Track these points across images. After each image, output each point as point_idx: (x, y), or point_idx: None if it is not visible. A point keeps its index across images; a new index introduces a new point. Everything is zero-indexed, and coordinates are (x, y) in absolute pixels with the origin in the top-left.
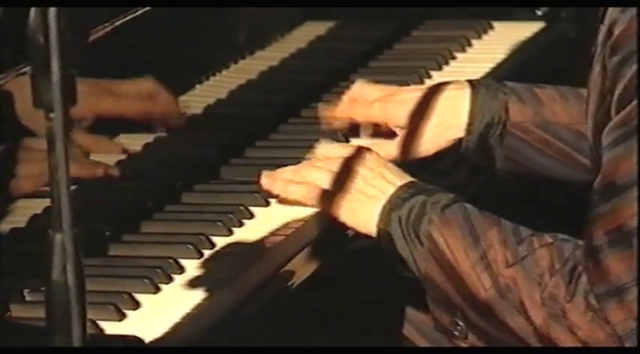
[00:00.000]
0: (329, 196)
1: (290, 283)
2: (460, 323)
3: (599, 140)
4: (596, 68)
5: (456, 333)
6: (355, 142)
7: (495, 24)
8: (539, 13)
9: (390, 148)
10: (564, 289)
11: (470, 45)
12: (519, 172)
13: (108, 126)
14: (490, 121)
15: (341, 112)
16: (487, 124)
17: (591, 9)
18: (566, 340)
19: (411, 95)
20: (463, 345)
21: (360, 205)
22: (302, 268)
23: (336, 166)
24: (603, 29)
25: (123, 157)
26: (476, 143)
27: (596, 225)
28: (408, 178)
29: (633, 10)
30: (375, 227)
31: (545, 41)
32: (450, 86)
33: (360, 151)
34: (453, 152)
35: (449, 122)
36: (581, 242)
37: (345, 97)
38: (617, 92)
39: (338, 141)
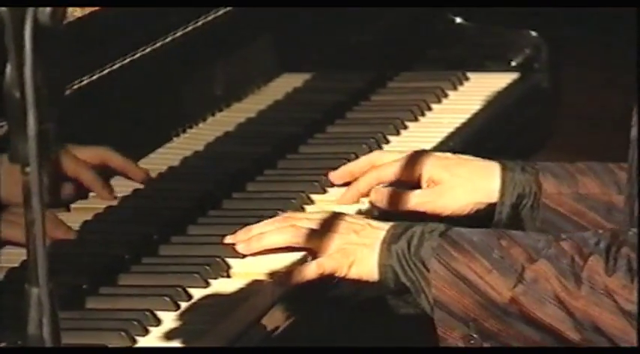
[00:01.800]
0: (328, 254)
1: (267, 335)
2: (474, 336)
3: None
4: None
5: (470, 345)
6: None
7: (470, 75)
8: (513, 64)
9: (413, 198)
10: (603, 267)
11: (445, 96)
12: None
13: None
14: (522, 192)
15: (367, 180)
16: (519, 194)
17: (562, 61)
18: (609, 317)
19: (440, 154)
20: None
21: (360, 255)
22: (279, 319)
23: (320, 225)
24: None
25: (174, 164)
26: (508, 214)
27: None
28: (396, 222)
29: None
30: (377, 267)
31: (520, 92)
32: (479, 160)
33: (334, 212)
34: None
35: (479, 185)
36: (600, 231)
37: (360, 161)
38: None
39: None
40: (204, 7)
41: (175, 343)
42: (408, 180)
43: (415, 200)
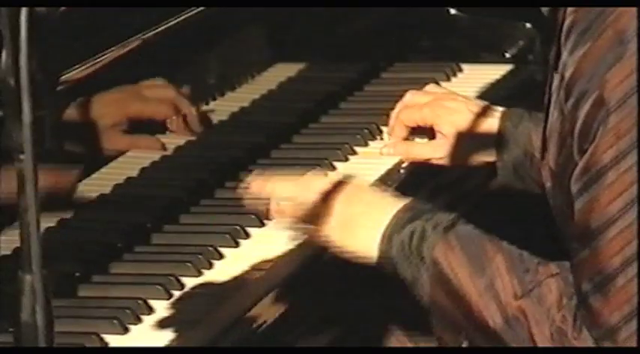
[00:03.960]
0: (326, 220)
1: (259, 324)
2: (464, 341)
3: (564, 184)
4: (554, 114)
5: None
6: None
7: (464, 66)
8: (507, 55)
9: (424, 149)
10: (571, 325)
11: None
12: None
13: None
14: (517, 155)
15: (398, 124)
16: (515, 157)
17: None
18: None
19: (455, 105)
20: None
21: (361, 230)
22: (271, 309)
23: (330, 190)
24: (557, 76)
25: (167, 153)
26: (510, 175)
27: (579, 273)
28: (404, 201)
29: (579, 51)
30: (376, 252)
31: (514, 83)
32: (484, 108)
33: (345, 179)
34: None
35: (481, 148)
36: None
37: (399, 105)
38: (575, 133)
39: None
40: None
41: (168, 332)
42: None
43: (425, 153)
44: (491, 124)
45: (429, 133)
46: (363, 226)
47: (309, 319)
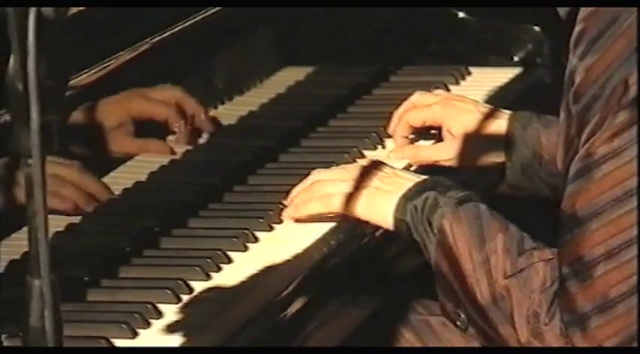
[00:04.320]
0: (346, 198)
1: (268, 328)
2: (462, 315)
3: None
4: (562, 115)
5: (459, 323)
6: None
7: (472, 69)
8: (515, 59)
9: (431, 151)
10: (545, 310)
11: (447, 90)
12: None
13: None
14: (526, 156)
15: (403, 126)
16: (524, 158)
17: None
18: None
19: (465, 106)
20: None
21: (378, 200)
22: (280, 312)
23: (348, 174)
24: (566, 76)
25: (175, 157)
26: (519, 176)
27: (561, 254)
28: (423, 176)
29: (591, 59)
30: (391, 218)
31: (522, 86)
32: (493, 111)
33: (368, 162)
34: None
35: (490, 150)
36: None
37: (404, 106)
38: (583, 137)
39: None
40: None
41: (177, 336)
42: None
43: (432, 155)
44: (500, 125)
45: (434, 135)
46: (381, 195)
47: (318, 323)
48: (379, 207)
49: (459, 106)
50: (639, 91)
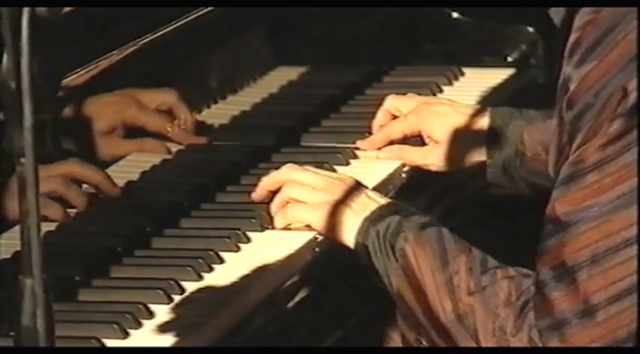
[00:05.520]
0: (311, 209)
1: (260, 328)
2: (424, 342)
3: None
4: (555, 121)
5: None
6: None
7: (466, 70)
8: (509, 59)
9: (415, 155)
10: (512, 323)
11: (441, 91)
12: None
13: None
14: (508, 154)
15: (378, 132)
16: (506, 156)
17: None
18: None
19: (442, 108)
20: None
21: (343, 217)
22: (272, 313)
23: (319, 182)
24: (559, 83)
25: (168, 156)
26: (499, 175)
27: (542, 259)
28: (389, 200)
29: (587, 67)
30: (353, 239)
31: (515, 87)
32: (472, 109)
33: (340, 175)
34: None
35: (471, 150)
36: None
37: (380, 115)
38: (575, 144)
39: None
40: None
41: (169, 336)
42: (413, 135)
43: (416, 159)
44: (481, 123)
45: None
46: (347, 214)
47: (310, 323)
48: (342, 225)
49: (435, 109)
50: (639, 97)
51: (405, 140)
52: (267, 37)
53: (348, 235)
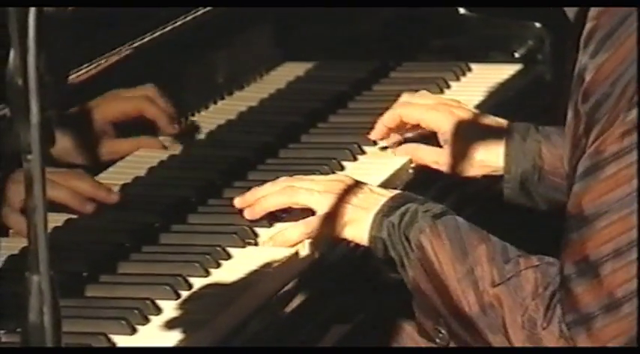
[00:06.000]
0: (323, 218)
1: (267, 324)
2: (443, 331)
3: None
4: (570, 113)
5: (438, 340)
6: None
7: (473, 66)
8: (516, 55)
9: (427, 154)
10: (542, 315)
11: (448, 87)
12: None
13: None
14: (526, 168)
15: (392, 115)
16: (523, 171)
17: (567, 52)
18: None
19: (463, 113)
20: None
21: (355, 216)
22: (279, 309)
23: (322, 186)
24: (575, 74)
25: (174, 152)
26: (516, 191)
27: (566, 254)
28: (396, 191)
29: (602, 56)
30: (367, 235)
31: (523, 83)
32: (492, 120)
33: (342, 177)
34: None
35: (487, 160)
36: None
37: (399, 101)
38: (592, 135)
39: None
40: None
41: (176, 332)
42: (428, 130)
43: (431, 158)
44: (499, 136)
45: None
46: (356, 211)
47: (317, 319)
48: (354, 223)
49: (457, 113)
50: (639, 89)
51: (411, 134)
52: (273, 33)
53: (361, 233)
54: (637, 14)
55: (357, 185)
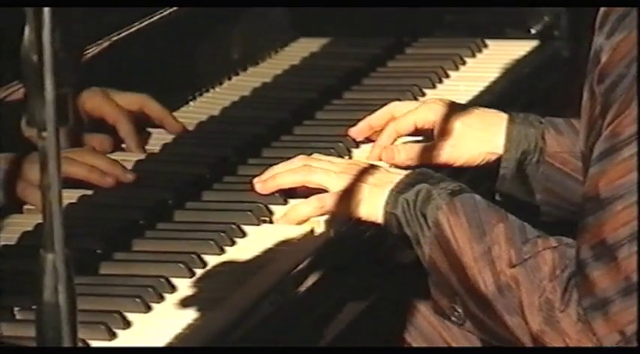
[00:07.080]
0: (337, 196)
1: (282, 303)
2: (458, 310)
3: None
4: (585, 94)
5: (454, 319)
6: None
7: (489, 42)
8: (533, 31)
9: (426, 152)
10: (560, 297)
11: (464, 63)
12: (559, 205)
13: None
14: (527, 148)
15: (382, 113)
16: (524, 150)
17: (582, 29)
18: (557, 342)
19: (454, 104)
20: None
21: (369, 194)
22: (294, 286)
23: (338, 167)
24: (591, 55)
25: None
26: (513, 172)
27: (582, 238)
28: (409, 171)
29: (618, 37)
30: (381, 212)
31: (539, 59)
32: (488, 111)
33: (357, 160)
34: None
35: (489, 136)
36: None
37: (384, 112)
38: (608, 117)
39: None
40: None
41: (191, 310)
42: (423, 130)
43: (428, 154)
44: (500, 120)
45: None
46: (371, 189)
47: (332, 297)
48: (368, 201)
49: (449, 102)
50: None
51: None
52: (287, 9)
53: (375, 210)
54: (637, 14)
55: (374, 168)
